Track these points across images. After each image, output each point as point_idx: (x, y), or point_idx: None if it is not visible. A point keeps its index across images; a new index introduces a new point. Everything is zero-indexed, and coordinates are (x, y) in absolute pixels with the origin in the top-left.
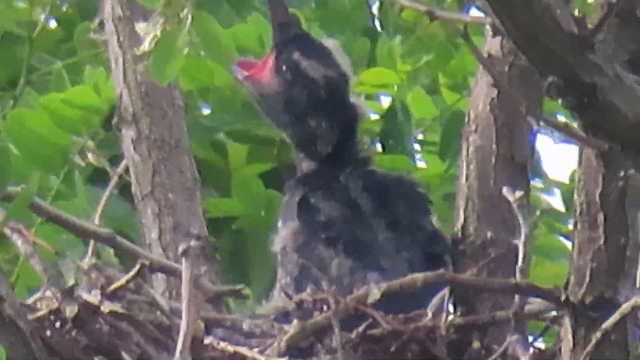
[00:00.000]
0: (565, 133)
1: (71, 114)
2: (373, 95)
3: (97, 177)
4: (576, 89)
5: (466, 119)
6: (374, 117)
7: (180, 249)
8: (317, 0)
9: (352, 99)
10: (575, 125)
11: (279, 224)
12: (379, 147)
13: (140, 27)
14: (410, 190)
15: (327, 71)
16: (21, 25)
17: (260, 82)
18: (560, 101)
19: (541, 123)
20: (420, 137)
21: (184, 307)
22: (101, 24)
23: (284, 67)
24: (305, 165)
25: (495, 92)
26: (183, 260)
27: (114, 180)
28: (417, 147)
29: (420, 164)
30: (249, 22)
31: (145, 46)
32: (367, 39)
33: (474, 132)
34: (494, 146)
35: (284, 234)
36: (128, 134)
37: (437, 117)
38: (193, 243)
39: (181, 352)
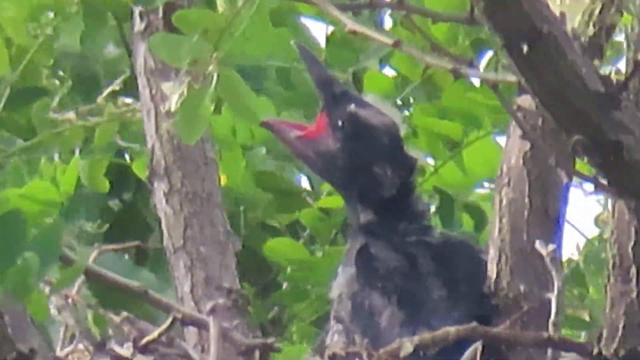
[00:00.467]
0: (597, 186)
1: (30, 208)
2: None
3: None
4: (602, 147)
5: (499, 172)
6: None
7: (209, 306)
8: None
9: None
10: None
11: (339, 269)
12: None
13: (167, 86)
14: (470, 254)
15: (385, 118)
16: None
17: (316, 141)
18: (585, 159)
19: (572, 177)
20: None
21: None
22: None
23: (340, 122)
24: (364, 217)
25: (528, 145)
26: (211, 318)
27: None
28: None
29: None
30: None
31: (172, 105)
32: None
33: (507, 185)
34: (526, 200)
35: (341, 280)
36: (160, 187)
37: None
38: (221, 300)
39: None
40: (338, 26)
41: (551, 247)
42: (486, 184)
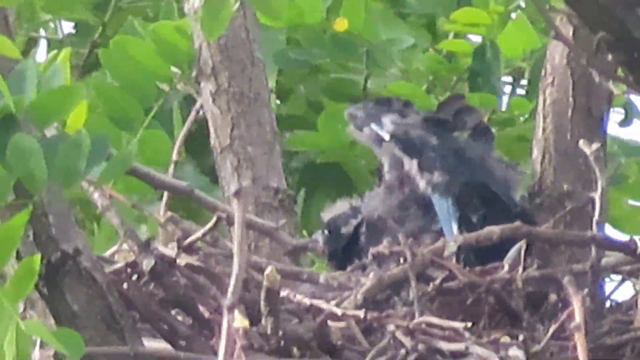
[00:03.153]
0: (627, 85)
1: (179, 43)
2: (462, 34)
3: None
4: (626, 44)
5: (542, 72)
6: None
7: (232, 189)
8: None
9: None
10: None
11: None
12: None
13: None
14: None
15: None
16: None
17: None
18: (610, 56)
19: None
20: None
21: (235, 249)
22: None
23: None
24: None
25: None
26: (234, 201)
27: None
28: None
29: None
30: None
31: (196, 1)
32: None
33: (551, 84)
34: (570, 99)
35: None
36: (207, 87)
37: (526, 58)
38: (245, 183)
39: (233, 293)
40: None
41: (595, 146)
42: None
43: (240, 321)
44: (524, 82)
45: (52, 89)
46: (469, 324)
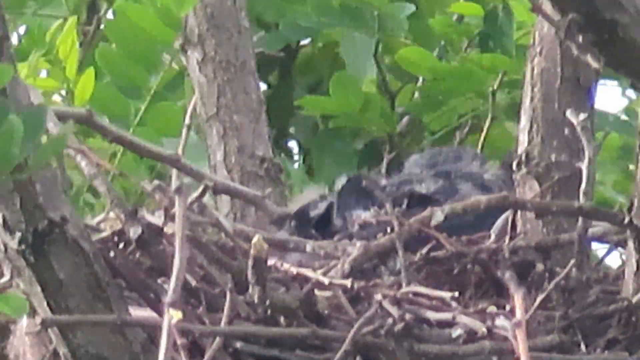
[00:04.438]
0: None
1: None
2: None
3: None
4: (596, 25)
5: (531, 41)
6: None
7: (174, 187)
8: None
9: None
10: None
11: None
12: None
13: None
14: None
15: None
16: None
17: None
18: (580, 37)
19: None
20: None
21: (177, 246)
22: None
23: None
24: None
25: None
26: (177, 197)
27: None
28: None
29: None
30: None
31: None
32: None
33: (539, 54)
34: (558, 69)
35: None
36: (194, 56)
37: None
38: (253, 168)
39: (174, 291)
40: None
41: (582, 116)
42: None
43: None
44: None
45: None
46: (456, 294)
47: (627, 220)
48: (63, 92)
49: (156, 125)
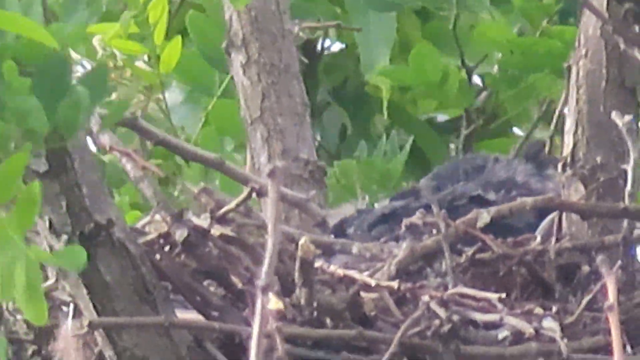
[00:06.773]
0: None
1: None
2: None
3: None
4: None
5: (576, 43)
6: None
7: (267, 169)
8: None
9: None
10: None
11: None
12: None
13: None
14: None
15: None
16: None
17: None
18: (637, 28)
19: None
20: None
21: (270, 230)
22: None
23: None
24: None
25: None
26: (269, 180)
27: None
28: None
29: None
30: None
31: None
32: None
33: (584, 56)
34: (603, 70)
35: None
36: (237, 58)
37: None
38: (279, 164)
39: (267, 272)
40: None
41: (627, 117)
42: None
43: (275, 303)
44: None
45: None
46: (503, 295)
47: None
48: (145, 58)
49: (218, 124)
